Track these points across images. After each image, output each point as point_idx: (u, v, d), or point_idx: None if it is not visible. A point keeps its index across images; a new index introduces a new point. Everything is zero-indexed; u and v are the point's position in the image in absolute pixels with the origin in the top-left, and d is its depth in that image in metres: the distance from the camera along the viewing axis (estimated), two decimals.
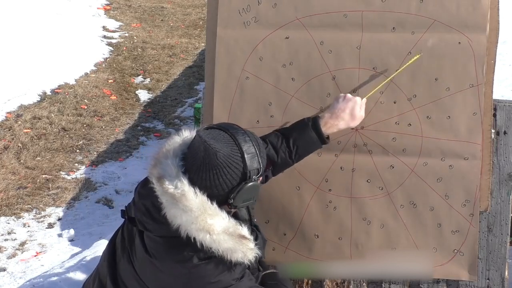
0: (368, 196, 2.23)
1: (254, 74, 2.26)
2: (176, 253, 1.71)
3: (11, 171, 5.25)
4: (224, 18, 2.27)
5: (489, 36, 2.15)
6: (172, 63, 8.19)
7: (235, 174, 1.68)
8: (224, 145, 1.68)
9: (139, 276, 1.80)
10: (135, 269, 1.81)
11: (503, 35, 2.45)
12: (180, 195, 1.65)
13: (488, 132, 2.17)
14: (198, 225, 1.65)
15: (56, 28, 8.56)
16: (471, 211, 2.19)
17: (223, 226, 1.69)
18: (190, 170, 1.70)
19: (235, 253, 1.70)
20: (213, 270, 1.72)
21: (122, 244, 1.88)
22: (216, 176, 1.67)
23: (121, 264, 1.87)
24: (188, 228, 1.66)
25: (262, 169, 1.74)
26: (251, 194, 1.73)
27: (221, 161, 1.66)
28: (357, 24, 2.20)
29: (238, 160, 1.68)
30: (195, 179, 1.69)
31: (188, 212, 1.65)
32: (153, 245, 1.75)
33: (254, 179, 1.71)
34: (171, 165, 1.69)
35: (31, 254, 4.20)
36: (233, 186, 1.69)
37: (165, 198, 1.68)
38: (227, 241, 1.69)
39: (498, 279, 2.25)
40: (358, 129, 2.22)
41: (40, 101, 6.58)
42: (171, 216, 1.68)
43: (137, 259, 1.80)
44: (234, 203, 1.71)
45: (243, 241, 1.72)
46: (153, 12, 10.46)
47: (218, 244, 1.68)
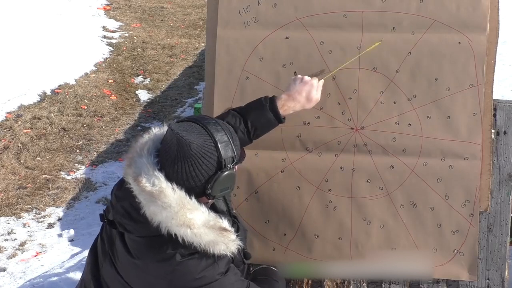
0: (368, 196, 2.23)
1: (254, 74, 2.26)
2: (158, 252, 1.71)
3: (11, 171, 5.25)
4: (224, 18, 2.27)
5: (489, 36, 2.15)
6: (172, 63, 8.19)
7: (210, 164, 1.68)
8: (197, 136, 1.68)
9: (123, 278, 1.79)
10: (118, 272, 1.80)
11: (503, 35, 2.45)
12: (158, 192, 1.65)
13: (488, 132, 2.17)
14: (178, 221, 1.65)
15: (56, 28, 8.56)
16: (471, 211, 2.19)
17: (203, 220, 1.69)
18: (165, 165, 1.69)
19: (217, 245, 1.71)
20: (197, 266, 1.71)
21: (102, 249, 1.87)
22: (191, 168, 1.67)
23: (104, 269, 1.85)
24: (168, 224, 1.66)
25: (237, 157, 1.74)
26: (228, 183, 1.73)
27: (195, 152, 1.66)
28: (357, 24, 2.20)
29: (212, 150, 1.68)
30: (171, 173, 1.68)
31: (167, 209, 1.64)
32: (135, 246, 1.75)
33: (230, 167, 1.71)
34: (146, 163, 1.69)
35: (31, 254, 4.20)
36: (209, 176, 1.69)
37: (143, 197, 1.67)
38: (208, 234, 1.69)
39: (498, 279, 2.25)
40: (358, 129, 2.22)
41: (40, 101, 6.58)
42: (151, 214, 1.67)
43: (120, 262, 1.79)
44: (212, 193, 1.71)
45: (224, 233, 1.72)
46: (153, 12, 10.46)
47: (199, 238, 1.68)
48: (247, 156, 2.25)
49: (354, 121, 2.22)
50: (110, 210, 1.83)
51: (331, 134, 2.23)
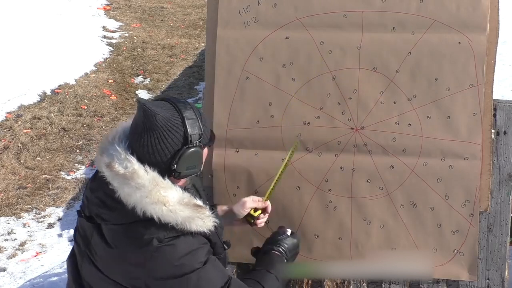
0: (368, 196, 2.23)
1: (254, 74, 2.26)
2: (135, 238, 1.70)
3: (11, 171, 5.25)
4: (224, 18, 2.27)
5: (489, 36, 2.15)
6: (172, 63, 8.19)
7: (176, 138, 1.70)
8: (164, 110, 1.70)
9: (103, 273, 1.78)
10: (99, 268, 1.79)
11: (503, 35, 2.45)
12: (131, 174, 1.67)
13: (488, 132, 2.17)
14: (152, 198, 1.66)
15: (56, 28, 8.57)
16: (471, 211, 2.19)
17: (177, 197, 1.70)
18: (133, 140, 1.72)
19: (194, 221, 1.71)
20: (175, 253, 1.70)
21: (79, 251, 1.86)
22: (157, 141, 1.68)
23: (84, 269, 1.84)
24: (143, 204, 1.67)
25: (204, 135, 1.75)
26: (194, 161, 1.74)
27: (161, 124, 1.68)
28: (357, 24, 2.20)
29: (179, 124, 1.70)
30: (137, 148, 1.70)
31: (141, 188, 1.66)
32: (112, 235, 1.74)
33: (196, 144, 1.72)
34: (117, 149, 1.71)
35: (31, 254, 4.21)
36: (174, 151, 1.70)
37: (116, 181, 1.69)
38: (183, 210, 1.70)
39: (498, 279, 2.25)
40: (358, 129, 2.22)
41: (40, 101, 6.59)
42: (125, 196, 1.68)
43: (99, 257, 1.78)
44: (178, 169, 1.72)
45: (199, 209, 1.73)
46: (153, 12, 10.46)
47: (175, 214, 1.68)
48: (247, 156, 2.26)
49: (354, 121, 2.22)
50: (86, 205, 1.83)
51: (331, 134, 2.23)
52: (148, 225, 1.69)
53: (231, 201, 2.22)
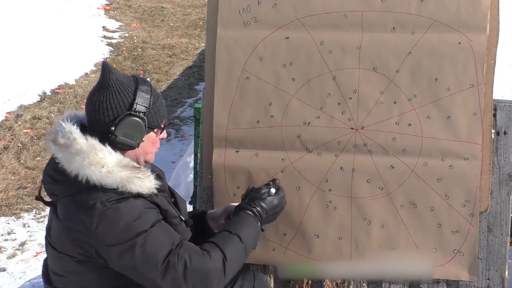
0: (368, 196, 2.23)
1: (254, 74, 2.26)
2: (81, 206, 1.73)
3: (11, 171, 5.24)
4: (224, 18, 2.27)
5: (489, 36, 2.15)
6: (172, 63, 8.19)
7: (122, 101, 1.78)
8: (122, 76, 1.82)
9: (60, 252, 1.80)
10: (56, 248, 1.82)
11: (503, 35, 2.45)
12: (71, 141, 1.74)
13: (488, 132, 2.17)
14: (91, 161, 1.72)
15: (56, 28, 8.57)
16: (471, 211, 2.18)
17: (115, 160, 1.75)
18: (87, 100, 1.82)
19: (132, 181, 1.74)
20: (119, 216, 1.71)
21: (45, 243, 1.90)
22: (104, 99, 1.77)
23: (48, 258, 1.89)
24: (83, 168, 1.72)
25: (153, 113, 1.81)
26: (132, 131, 1.79)
27: (112, 83, 1.78)
28: (357, 24, 2.20)
29: (129, 91, 1.79)
30: (88, 105, 1.80)
31: (80, 154, 1.73)
32: (62, 209, 1.79)
33: (139, 115, 1.78)
34: (62, 124, 1.78)
35: (31, 254, 4.20)
36: (118, 114, 1.77)
37: (60, 153, 1.76)
38: (121, 171, 1.74)
39: (498, 279, 2.25)
40: (358, 129, 2.22)
41: (40, 101, 6.58)
42: (67, 164, 1.74)
43: (55, 235, 1.82)
44: (115, 132, 1.76)
45: (138, 170, 1.77)
46: (153, 12, 10.46)
47: (113, 175, 1.72)
48: (247, 156, 2.26)
49: (354, 121, 2.22)
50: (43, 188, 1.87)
51: (331, 134, 2.23)
52: (91, 191, 1.73)
53: (231, 201, 2.22)
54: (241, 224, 1.90)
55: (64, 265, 1.81)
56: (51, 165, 1.83)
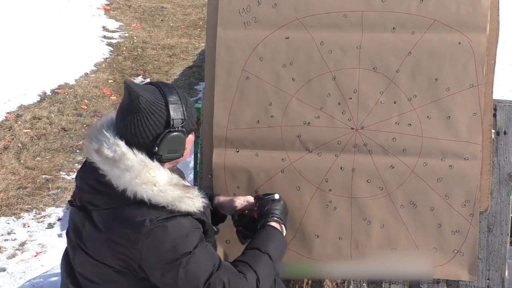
0: (368, 196, 2.23)
1: (255, 74, 2.26)
2: (127, 221, 1.71)
3: (11, 171, 5.25)
4: (224, 18, 2.27)
5: (489, 36, 2.15)
6: (172, 63, 8.19)
7: (158, 121, 1.72)
8: (149, 93, 1.73)
9: (96, 259, 1.78)
10: (91, 255, 1.79)
11: (503, 35, 2.45)
12: (120, 156, 1.70)
13: (488, 132, 2.17)
14: (142, 179, 1.69)
15: (56, 28, 8.57)
16: (471, 211, 2.18)
17: (167, 179, 1.73)
18: (118, 120, 1.76)
19: (183, 200, 1.73)
20: (166, 235, 1.70)
21: (71, 245, 1.88)
22: (139, 122, 1.72)
23: (76, 261, 1.85)
24: (133, 184, 1.69)
25: (188, 120, 1.77)
26: (175, 145, 1.76)
27: (144, 106, 1.71)
28: (357, 24, 2.20)
29: (162, 108, 1.73)
30: (121, 127, 1.74)
31: (130, 170, 1.69)
32: (104, 220, 1.75)
33: (178, 129, 1.74)
34: (106, 134, 1.74)
35: (31, 254, 4.20)
36: (156, 134, 1.73)
37: (106, 165, 1.72)
38: (173, 190, 1.72)
39: (498, 279, 2.25)
40: (358, 129, 2.22)
41: (40, 101, 6.59)
42: (115, 178, 1.70)
43: (91, 244, 1.79)
44: (159, 152, 1.74)
45: (188, 190, 1.76)
46: (153, 12, 10.46)
47: (165, 194, 1.70)
48: (247, 156, 2.26)
49: (354, 121, 2.22)
50: (77, 194, 1.84)
51: (331, 134, 2.23)
52: (139, 207, 1.70)
53: None
54: (269, 240, 1.92)
55: (100, 272, 1.79)
56: (91, 174, 1.76)
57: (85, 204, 1.79)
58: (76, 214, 1.84)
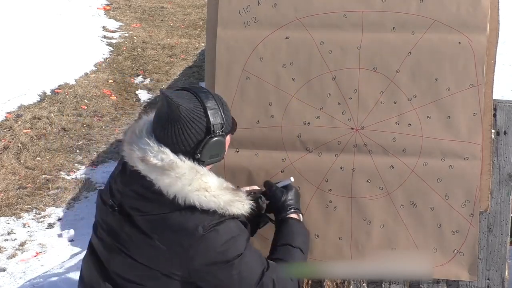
0: (368, 196, 2.23)
1: (255, 74, 2.26)
2: (178, 227, 1.71)
3: (11, 171, 5.25)
4: (224, 18, 2.27)
5: (489, 36, 2.16)
6: (172, 63, 8.19)
7: (199, 128, 1.73)
8: (186, 101, 1.73)
9: (141, 263, 1.77)
10: (134, 258, 1.78)
11: (503, 35, 2.45)
12: (169, 165, 1.70)
13: (488, 132, 2.17)
14: (195, 186, 1.70)
15: (56, 28, 8.57)
16: (471, 211, 2.19)
17: (217, 183, 1.75)
18: (156, 129, 1.75)
19: (234, 204, 1.75)
20: (218, 239, 1.72)
21: (104, 247, 1.85)
22: (180, 131, 1.72)
23: (114, 264, 1.83)
24: (185, 192, 1.69)
25: (226, 124, 1.79)
26: (217, 150, 1.78)
27: (184, 115, 1.71)
28: (357, 24, 2.21)
29: (201, 115, 1.73)
30: (161, 137, 1.73)
31: (181, 178, 1.69)
32: (151, 225, 1.74)
33: (219, 133, 1.76)
34: (148, 143, 1.73)
35: (31, 254, 4.20)
36: (198, 140, 1.74)
37: (154, 174, 1.71)
38: (224, 195, 1.74)
39: (498, 279, 2.26)
40: (358, 129, 2.22)
41: (40, 101, 6.59)
42: (166, 187, 1.70)
43: (134, 247, 1.78)
44: (201, 158, 1.75)
45: (237, 193, 1.78)
46: (153, 12, 10.46)
47: (217, 199, 1.72)
48: (247, 156, 2.26)
49: (354, 121, 2.22)
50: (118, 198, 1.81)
51: (331, 134, 2.23)
52: (190, 212, 1.71)
53: None
54: (296, 234, 1.97)
55: (142, 275, 1.79)
56: (136, 181, 1.75)
57: (127, 209, 1.78)
58: (110, 216, 1.83)
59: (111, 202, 1.83)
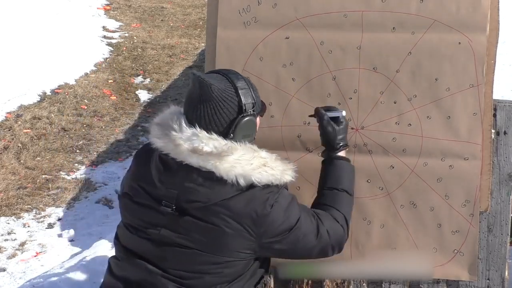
0: (368, 196, 2.23)
1: (255, 74, 2.26)
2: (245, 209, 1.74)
3: (11, 171, 5.25)
4: (224, 18, 2.27)
5: (489, 36, 2.15)
6: (172, 63, 8.19)
7: (231, 108, 1.76)
8: (218, 81, 1.76)
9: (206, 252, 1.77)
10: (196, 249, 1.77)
11: (503, 35, 2.45)
12: (226, 150, 1.72)
13: (488, 132, 2.17)
14: (256, 164, 1.75)
15: (56, 28, 8.56)
16: (471, 211, 2.19)
17: (272, 156, 1.81)
18: (188, 111, 1.77)
19: (286, 172, 1.82)
20: (281, 209, 1.78)
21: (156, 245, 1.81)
22: (213, 111, 1.75)
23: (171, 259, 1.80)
24: (247, 172, 1.73)
25: (257, 104, 1.82)
26: (249, 129, 1.80)
27: (216, 95, 1.74)
28: (357, 24, 2.21)
29: (233, 94, 1.76)
30: (194, 118, 1.75)
31: (241, 160, 1.73)
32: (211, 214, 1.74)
33: (250, 112, 1.78)
34: (194, 134, 1.73)
35: (31, 254, 4.20)
36: (230, 120, 1.76)
37: (210, 162, 1.72)
38: (278, 165, 1.81)
39: (498, 279, 2.26)
40: (358, 129, 2.22)
41: (40, 101, 6.59)
42: (226, 172, 1.72)
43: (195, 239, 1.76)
44: (234, 138, 1.77)
45: (285, 162, 1.85)
46: (153, 12, 10.46)
47: (275, 171, 1.78)
48: None
49: (354, 121, 2.22)
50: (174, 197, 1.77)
51: None
52: (252, 192, 1.75)
53: None
54: (342, 176, 2.01)
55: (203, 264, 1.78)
56: (190, 173, 1.75)
57: (183, 204, 1.77)
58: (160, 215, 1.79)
59: (164, 203, 1.79)
